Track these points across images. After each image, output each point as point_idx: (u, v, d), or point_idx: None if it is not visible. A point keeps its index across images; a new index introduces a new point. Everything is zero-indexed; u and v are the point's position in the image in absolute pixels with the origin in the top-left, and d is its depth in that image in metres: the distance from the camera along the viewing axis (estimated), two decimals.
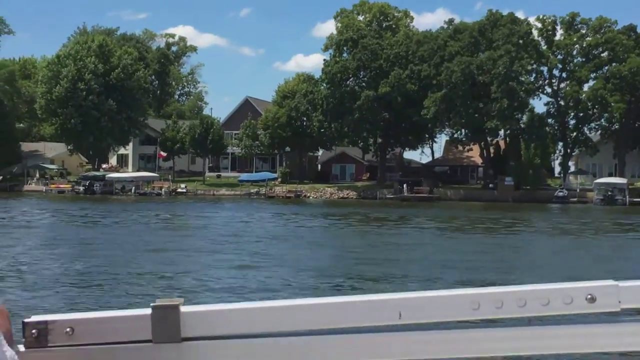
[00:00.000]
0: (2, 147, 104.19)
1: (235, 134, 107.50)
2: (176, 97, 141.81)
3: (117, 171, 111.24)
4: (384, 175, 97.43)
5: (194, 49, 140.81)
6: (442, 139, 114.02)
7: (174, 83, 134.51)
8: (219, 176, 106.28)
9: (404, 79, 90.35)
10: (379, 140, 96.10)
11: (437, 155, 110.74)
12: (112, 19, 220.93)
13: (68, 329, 1.33)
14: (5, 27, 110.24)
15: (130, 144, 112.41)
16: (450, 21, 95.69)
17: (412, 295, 1.33)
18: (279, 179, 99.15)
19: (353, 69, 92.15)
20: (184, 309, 1.32)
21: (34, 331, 1.32)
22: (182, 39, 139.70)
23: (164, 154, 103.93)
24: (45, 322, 1.33)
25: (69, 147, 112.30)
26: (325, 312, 1.33)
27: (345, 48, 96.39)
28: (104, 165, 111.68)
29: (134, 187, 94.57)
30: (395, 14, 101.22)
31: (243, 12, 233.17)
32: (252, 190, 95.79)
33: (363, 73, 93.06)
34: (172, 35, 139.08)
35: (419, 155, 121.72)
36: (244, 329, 1.33)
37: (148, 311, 1.33)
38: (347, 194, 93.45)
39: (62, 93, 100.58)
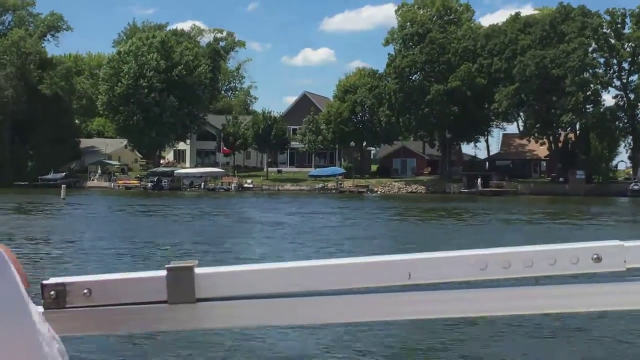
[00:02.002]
0: (63, 144, 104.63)
1: (293, 129, 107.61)
2: (222, 92, 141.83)
3: (175, 166, 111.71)
4: (449, 170, 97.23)
5: (242, 44, 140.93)
6: (498, 133, 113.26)
7: (222, 78, 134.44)
8: (279, 171, 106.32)
9: (473, 73, 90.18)
10: (448, 134, 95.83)
11: (492, 149, 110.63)
12: (123, 14, 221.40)
13: (85, 291, 1.37)
14: (64, 24, 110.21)
15: (188, 140, 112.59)
16: (517, 15, 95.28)
17: (421, 256, 1.37)
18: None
19: (422, 63, 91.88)
20: (198, 270, 1.36)
21: (52, 293, 1.36)
22: (230, 34, 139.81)
23: (227, 149, 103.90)
24: (64, 284, 1.37)
25: (125, 144, 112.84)
26: (337, 273, 1.37)
27: (411, 43, 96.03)
28: (162, 161, 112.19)
29: (202, 183, 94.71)
30: (458, 8, 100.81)
31: (250, 6, 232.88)
32: (317, 186, 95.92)
33: (430, 67, 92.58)
34: (221, 31, 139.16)
35: (471, 149, 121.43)
36: (257, 289, 1.37)
37: (163, 273, 1.37)
38: (416, 189, 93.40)
39: (124, 90, 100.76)
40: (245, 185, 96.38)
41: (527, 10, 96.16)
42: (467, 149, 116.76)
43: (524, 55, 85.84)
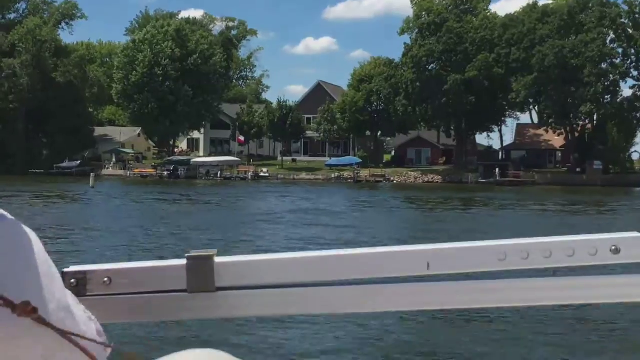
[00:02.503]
0: (77, 132, 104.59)
1: (307, 118, 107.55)
2: (234, 81, 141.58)
3: (188, 155, 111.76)
4: (465, 160, 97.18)
5: (254, 32, 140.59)
6: (512, 123, 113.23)
7: (234, 67, 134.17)
8: (294, 160, 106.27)
9: (490, 63, 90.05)
10: (464, 124, 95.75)
11: (505, 139, 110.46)
12: (128, 2, 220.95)
13: (106, 279, 1.38)
14: (79, 12, 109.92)
15: (202, 129, 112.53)
16: (534, 4, 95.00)
17: (440, 246, 1.37)
18: None
19: (439, 53, 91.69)
20: (218, 259, 1.37)
21: (72, 281, 1.37)
22: (242, 22, 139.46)
23: (242, 138, 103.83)
24: (84, 272, 1.38)
25: (139, 133, 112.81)
26: (356, 263, 1.38)
27: (427, 32, 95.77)
28: (176, 150, 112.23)
29: (219, 172, 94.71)
30: None
31: None
32: (333, 175, 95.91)
33: (447, 57, 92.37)
34: (232, 19, 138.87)
35: (484, 139, 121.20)
36: (276, 279, 1.38)
37: (183, 261, 1.38)
38: (432, 178, 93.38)
39: (139, 78, 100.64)
40: (261, 174, 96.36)
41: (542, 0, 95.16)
42: (480, 139, 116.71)
43: (542, 45, 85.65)
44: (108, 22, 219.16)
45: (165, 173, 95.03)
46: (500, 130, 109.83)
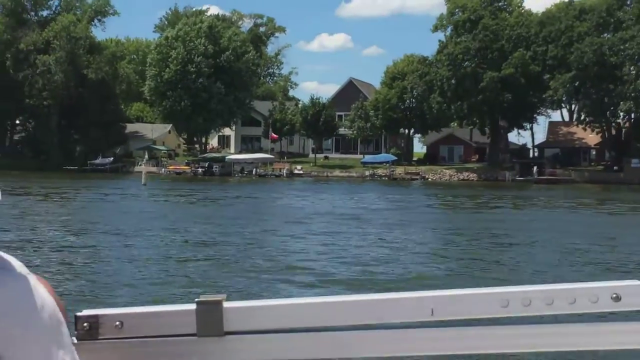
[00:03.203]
0: (109, 129, 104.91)
1: (339, 115, 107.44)
2: (261, 77, 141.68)
3: (219, 152, 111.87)
4: (499, 157, 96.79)
5: (282, 29, 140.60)
6: (544, 121, 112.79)
7: (263, 64, 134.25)
8: (326, 157, 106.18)
9: (527, 60, 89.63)
10: (501, 122, 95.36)
11: (536, 137, 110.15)
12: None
13: (117, 323, 1.40)
14: (111, 9, 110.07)
15: (234, 125, 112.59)
16: (570, 2, 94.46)
17: (444, 293, 1.40)
18: None
19: (475, 50, 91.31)
20: (226, 304, 1.39)
21: (85, 324, 1.40)
22: (271, 19, 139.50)
23: (275, 135, 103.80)
24: (97, 316, 1.41)
25: (169, 130, 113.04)
26: (362, 308, 1.40)
27: (462, 29, 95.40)
28: (208, 147, 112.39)
29: (254, 169, 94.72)
30: None
31: None
32: (366, 172, 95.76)
33: (483, 54, 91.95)
34: (261, 16, 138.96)
35: (514, 137, 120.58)
36: (283, 323, 1.40)
37: (192, 306, 1.40)
38: (467, 176, 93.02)
39: (172, 75, 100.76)
40: (295, 171, 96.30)
41: None
42: (510, 136, 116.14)
43: (580, 43, 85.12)
44: (133, 19, 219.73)
45: (200, 170, 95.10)
46: (531, 128, 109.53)
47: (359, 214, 39.52)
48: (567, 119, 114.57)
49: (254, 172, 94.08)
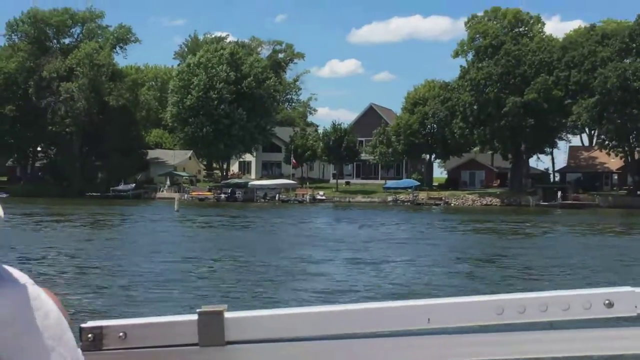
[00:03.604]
0: (130, 155, 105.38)
1: (359, 140, 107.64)
2: (279, 103, 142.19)
3: (240, 178, 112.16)
4: (521, 182, 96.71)
5: (301, 56, 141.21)
6: (565, 146, 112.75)
7: (282, 90, 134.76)
8: (347, 183, 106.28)
9: (549, 85, 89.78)
10: (523, 146, 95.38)
11: (557, 162, 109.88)
12: (153, 24, 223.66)
13: (121, 334, 1.42)
14: (132, 36, 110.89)
15: (255, 151, 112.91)
16: (592, 27, 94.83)
17: (440, 301, 1.42)
18: None
19: (497, 75, 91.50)
20: (227, 314, 1.42)
21: (89, 335, 1.42)
22: (289, 46, 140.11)
23: (296, 161, 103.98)
24: (100, 327, 1.42)
25: (190, 156, 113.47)
26: (360, 317, 1.42)
27: (484, 55, 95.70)
28: (229, 173, 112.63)
29: (277, 195, 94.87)
30: (529, 20, 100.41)
31: (278, 18, 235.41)
32: (389, 198, 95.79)
33: (506, 79, 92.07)
34: (280, 43, 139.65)
35: (534, 162, 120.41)
36: (283, 333, 1.42)
37: (194, 317, 1.42)
38: (490, 201, 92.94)
39: (194, 102, 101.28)
40: (318, 197, 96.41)
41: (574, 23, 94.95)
42: (530, 161, 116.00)
43: (604, 67, 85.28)
44: (151, 46, 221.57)
45: (223, 196, 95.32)
46: (552, 153, 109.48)
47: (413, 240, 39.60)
48: (586, 143, 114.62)
49: (276, 198, 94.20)
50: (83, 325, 1.45)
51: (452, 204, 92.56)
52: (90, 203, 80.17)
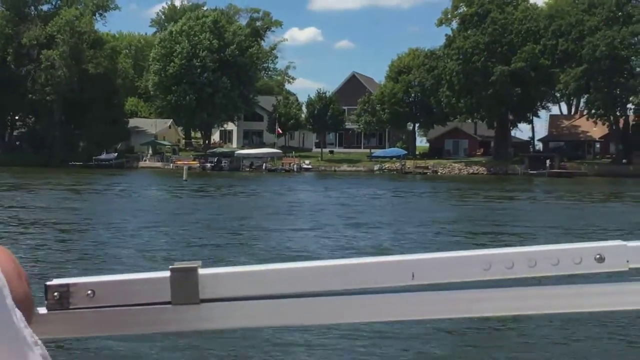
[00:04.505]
0: (112, 124, 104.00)
1: (343, 109, 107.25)
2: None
3: (221, 146, 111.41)
4: (506, 151, 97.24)
5: (279, 23, 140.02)
6: (544, 114, 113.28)
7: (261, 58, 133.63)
8: (331, 152, 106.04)
9: (537, 54, 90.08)
10: (510, 116, 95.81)
11: (537, 130, 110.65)
12: None
13: (89, 292, 1.38)
14: (112, 3, 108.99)
15: (236, 120, 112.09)
16: None
17: (425, 256, 1.38)
18: None
19: (484, 44, 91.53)
20: (201, 271, 1.37)
21: (55, 294, 1.37)
22: (267, 13, 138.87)
23: (280, 130, 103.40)
24: (67, 285, 1.38)
25: (170, 125, 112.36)
26: (340, 273, 1.38)
27: (470, 24, 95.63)
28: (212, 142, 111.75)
29: (264, 164, 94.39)
30: None
31: None
32: (375, 167, 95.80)
33: (492, 48, 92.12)
34: (257, 10, 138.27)
35: (513, 131, 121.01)
36: (260, 290, 1.38)
37: (167, 274, 1.37)
38: (477, 170, 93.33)
39: (177, 70, 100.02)
40: (304, 166, 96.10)
41: None
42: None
43: (592, 36, 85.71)
44: (123, 13, 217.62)
45: (209, 165, 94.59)
46: (532, 122, 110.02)
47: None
48: (565, 112, 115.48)
49: (263, 167, 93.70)
50: (48, 283, 1.38)
51: (439, 173, 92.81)
52: (76, 172, 79.11)
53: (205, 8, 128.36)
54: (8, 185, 53.18)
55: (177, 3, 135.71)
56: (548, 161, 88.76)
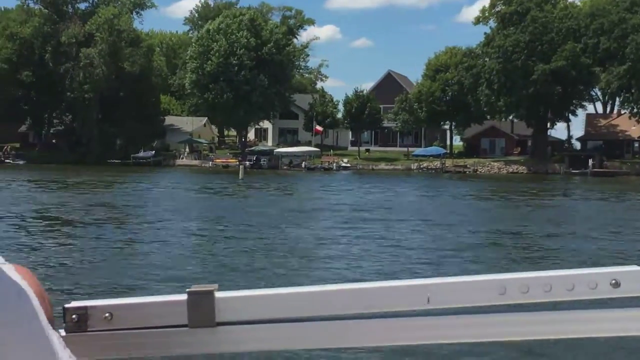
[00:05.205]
0: (148, 122, 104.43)
1: (379, 107, 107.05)
2: None
3: (256, 144, 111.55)
4: (544, 150, 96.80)
5: (311, 22, 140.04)
6: (580, 113, 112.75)
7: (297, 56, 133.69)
8: (367, 150, 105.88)
9: (578, 53, 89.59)
10: (550, 114, 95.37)
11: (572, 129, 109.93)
12: None
13: (107, 314, 1.39)
14: (148, 1, 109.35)
15: (272, 118, 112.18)
16: None
17: (440, 280, 1.38)
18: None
19: (525, 42, 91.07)
20: (218, 294, 1.38)
21: (74, 316, 1.38)
22: (299, 12, 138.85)
23: (320, 128, 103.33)
24: (85, 308, 1.39)
25: (205, 123, 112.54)
26: (356, 297, 1.38)
27: (509, 22, 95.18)
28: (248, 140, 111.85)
29: (303, 162, 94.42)
30: None
31: None
32: (412, 165, 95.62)
33: (532, 46, 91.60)
34: (289, 9, 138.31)
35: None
36: (277, 313, 1.38)
37: (184, 297, 1.38)
38: (517, 169, 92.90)
39: (214, 68, 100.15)
40: (343, 164, 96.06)
41: None
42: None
43: (636, 34, 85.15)
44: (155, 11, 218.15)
45: (247, 163, 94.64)
46: (568, 120, 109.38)
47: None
48: (600, 111, 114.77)
49: (303, 165, 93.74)
50: (67, 305, 1.39)
51: (479, 172, 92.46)
52: (118, 170, 79.52)
53: (237, 6, 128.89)
54: (82, 184, 53.49)
55: (207, 1, 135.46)
56: (590, 160, 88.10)
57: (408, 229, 28.62)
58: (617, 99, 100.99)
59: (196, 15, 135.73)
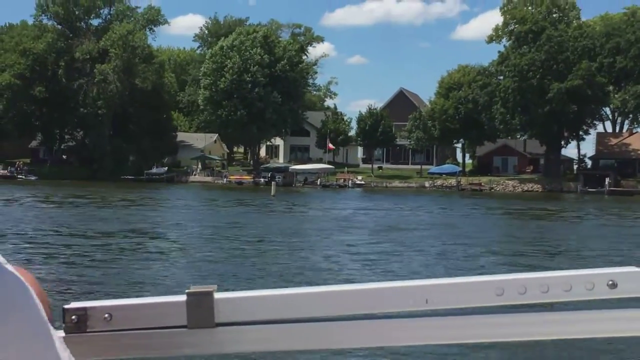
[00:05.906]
0: (161, 138, 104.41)
1: (392, 124, 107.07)
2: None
3: (268, 162, 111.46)
4: (558, 169, 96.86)
5: (320, 39, 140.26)
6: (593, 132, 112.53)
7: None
8: (380, 167, 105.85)
9: (593, 72, 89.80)
10: (565, 133, 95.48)
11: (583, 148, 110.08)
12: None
13: (106, 315, 1.39)
14: (162, 18, 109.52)
15: (284, 135, 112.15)
16: (633, 13, 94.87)
17: (439, 281, 1.39)
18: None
19: (540, 61, 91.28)
20: (217, 295, 1.38)
21: (73, 317, 1.39)
22: (308, 29, 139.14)
23: (332, 146, 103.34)
24: (85, 309, 1.40)
25: (215, 139, 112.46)
26: (355, 298, 1.39)
27: (524, 41, 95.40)
28: (260, 157, 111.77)
29: (319, 180, 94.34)
30: (565, 6, 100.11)
31: (251, 0, 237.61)
32: (426, 183, 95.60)
33: (548, 65, 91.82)
34: (299, 26, 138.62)
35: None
36: (275, 314, 1.39)
37: (183, 297, 1.39)
38: (532, 187, 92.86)
39: (228, 85, 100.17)
40: (357, 182, 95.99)
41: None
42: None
43: None
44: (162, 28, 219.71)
45: (262, 180, 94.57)
46: (579, 139, 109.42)
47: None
48: (609, 130, 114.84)
49: (318, 182, 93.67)
50: (66, 306, 1.41)
51: (493, 190, 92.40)
52: (133, 186, 79.28)
53: (247, 23, 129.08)
54: (106, 199, 53.25)
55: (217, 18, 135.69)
56: (607, 179, 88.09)
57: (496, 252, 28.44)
58: (627, 119, 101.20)
59: (206, 32, 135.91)
